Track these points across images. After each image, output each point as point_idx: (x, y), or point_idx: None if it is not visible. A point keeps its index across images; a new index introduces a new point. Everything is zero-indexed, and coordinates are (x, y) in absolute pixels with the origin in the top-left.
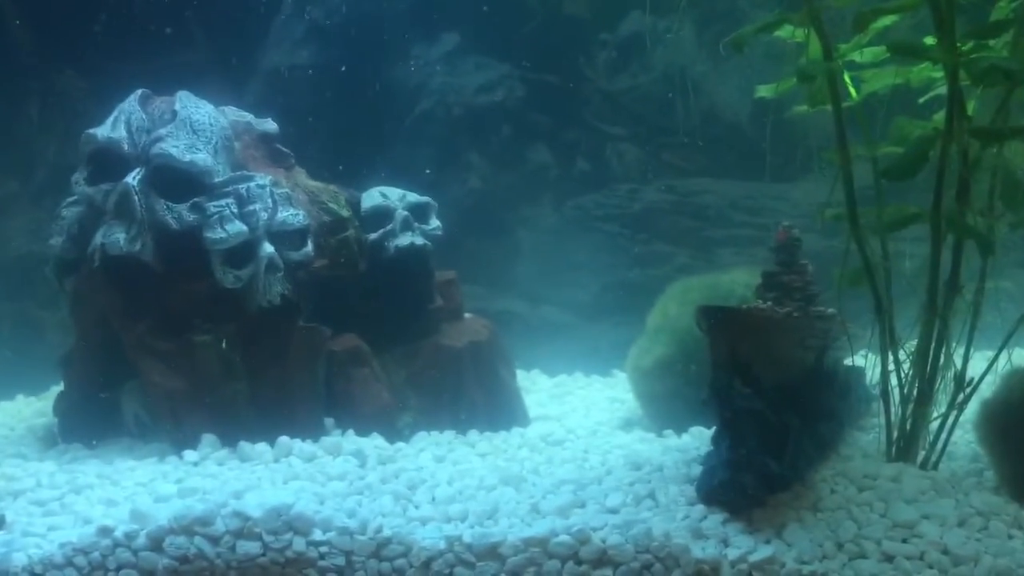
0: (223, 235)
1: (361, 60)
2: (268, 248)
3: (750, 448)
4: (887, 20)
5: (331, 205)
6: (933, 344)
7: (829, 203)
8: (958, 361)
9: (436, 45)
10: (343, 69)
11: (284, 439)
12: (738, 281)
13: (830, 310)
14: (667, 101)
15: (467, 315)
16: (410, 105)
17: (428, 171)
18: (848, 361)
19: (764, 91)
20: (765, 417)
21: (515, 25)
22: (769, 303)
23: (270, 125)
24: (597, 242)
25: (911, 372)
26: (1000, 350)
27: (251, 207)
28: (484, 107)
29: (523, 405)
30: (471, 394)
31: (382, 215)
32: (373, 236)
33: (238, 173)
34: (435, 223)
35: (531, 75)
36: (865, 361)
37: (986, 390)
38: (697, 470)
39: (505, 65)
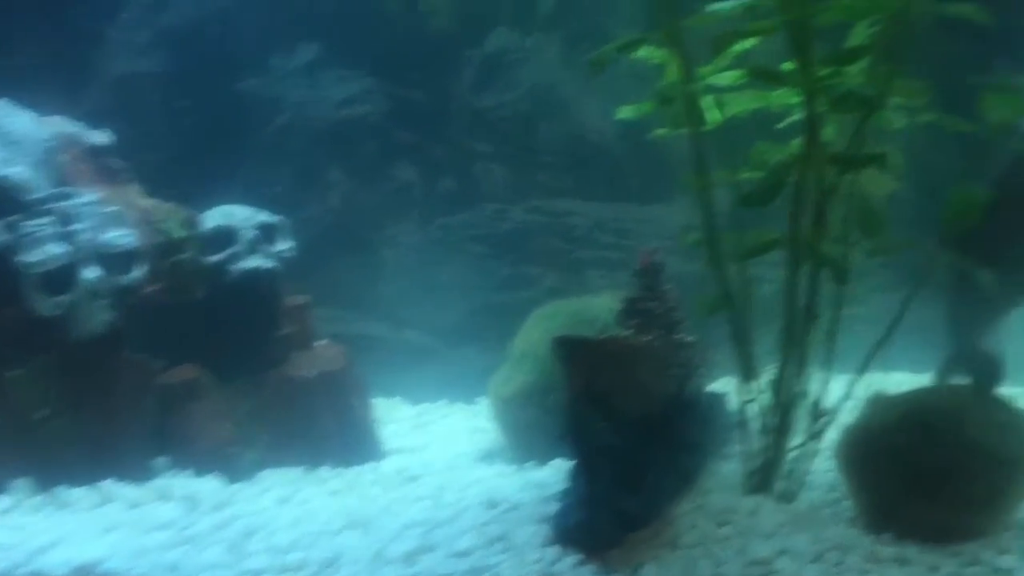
0: (39, 257)
1: (213, 69)
2: (92, 272)
3: (607, 486)
4: (748, 43)
5: (166, 225)
6: (790, 372)
7: (690, 227)
8: (817, 388)
9: (295, 56)
10: (193, 78)
11: (107, 483)
12: (603, 306)
13: (692, 337)
14: (534, 120)
15: (321, 342)
16: (267, 118)
17: (281, 187)
18: (712, 387)
19: (625, 112)
20: (623, 452)
21: (379, 38)
22: (630, 331)
23: (102, 137)
24: (464, 263)
25: (769, 402)
26: (856, 377)
27: (74, 227)
28: (346, 122)
29: (379, 438)
30: (323, 427)
31: (225, 236)
32: (214, 259)
33: (60, 189)
34: (286, 244)
35: (395, 90)
36: (731, 387)
37: (850, 417)
38: (554, 508)
39: (368, 79)
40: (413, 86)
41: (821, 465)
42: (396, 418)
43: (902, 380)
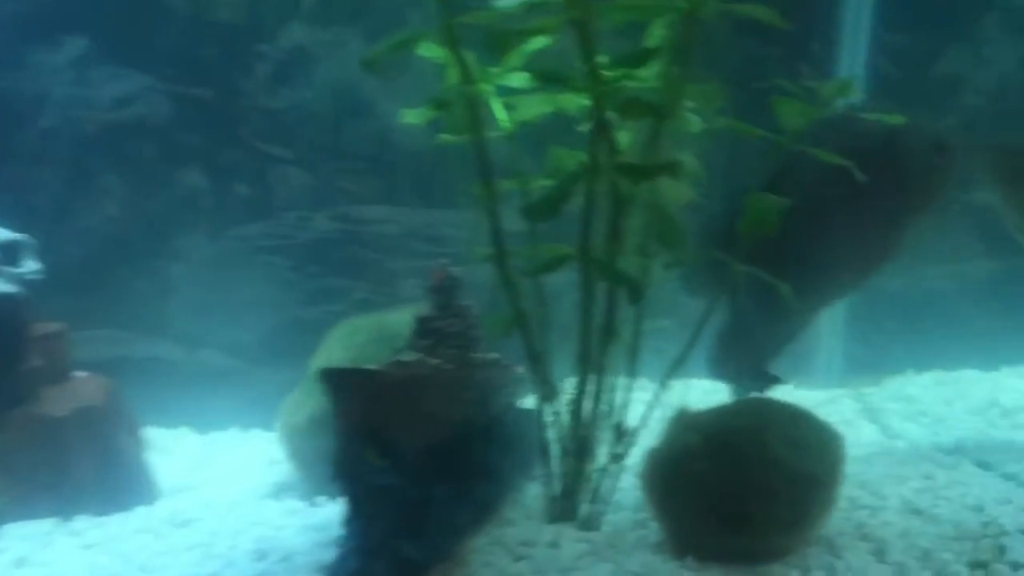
0: None
1: None
2: None
3: (383, 531)
4: (540, 42)
5: None
6: (589, 393)
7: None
8: (619, 406)
9: (59, 50)
10: None
11: None
12: (408, 321)
13: (493, 355)
14: (337, 120)
15: (79, 374)
16: (28, 120)
17: (47, 196)
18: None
19: (411, 117)
20: (402, 492)
21: (158, 31)
22: (418, 354)
23: None
24: (264, 276)
25: (569, 424)
26: (658, 392)
27: None
28: (122, 123)
29: (152, 477)
30: (80, 471)
31: None
32: None
33: None
34: (32, 266)
35: (179, 88)
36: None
37: (655, 434)
38: (332, 554)
39: (146, 76)
40: (199, 84)
41: (630, 482)
42: (179, 451)
43: (708, 388)
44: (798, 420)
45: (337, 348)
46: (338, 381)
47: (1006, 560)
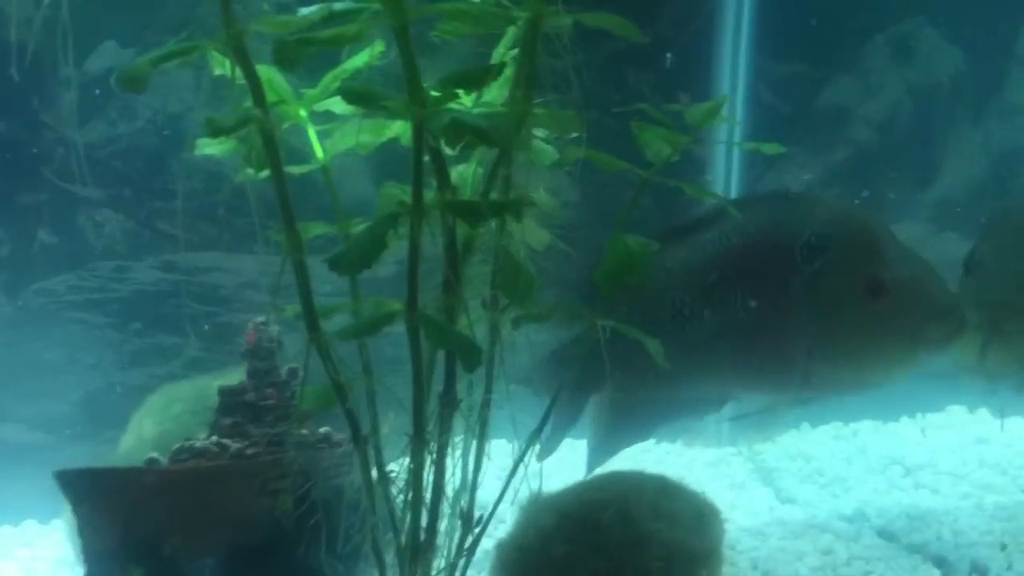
0: None
1: None
2: None
3: None
4: (362, 59)
5: None
6: (427, 476)
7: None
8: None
9: None
10: None
11: None
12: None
13: (323, 429)
14: (160, 156)
15: None
16: None
17: None
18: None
19: (208, 147)
20: None
21: None
22: (212, 439)
23: None
24: (74, 336)
25: (404, 513)
26: (510, 475)
27: None
28: None
29: None
30: None
31: None
32: None
33: None
34: None
35: None
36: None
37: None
38: None
39: None
40: None
41: None
42: None
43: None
44: (669, 491)
45: (149, 421)
46: (80, 485)
47: None
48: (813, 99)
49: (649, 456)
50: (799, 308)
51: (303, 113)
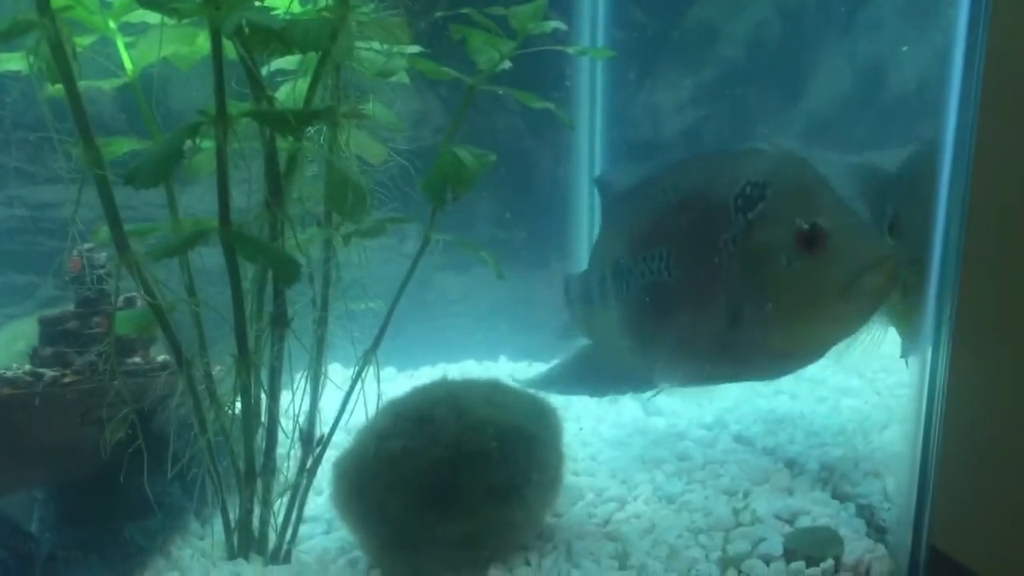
0: None
1: None
2: None
3: None
4: None
5: None
6: (260, 398)
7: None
8: (309, 408)
9: None
10: None
11: None
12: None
13: (161, 358)
14: None
15: None
16: None
17: None
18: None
19: (11, 62)
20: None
21: None
22: (24, 368)
23: None
24: None
25: (238, 438)
26: (347, 395)
27: None
28: None
29: None
30: None
31: None
32: None
33: None
34: None
35: None
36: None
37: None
38: None
39: None
40: None
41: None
42: None
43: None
44: (501, 387)
45: None
46: None
47: (759, 553)
48: (680, 18)
49: (519, 374)
50: (729, 266)
51: (112, 25)
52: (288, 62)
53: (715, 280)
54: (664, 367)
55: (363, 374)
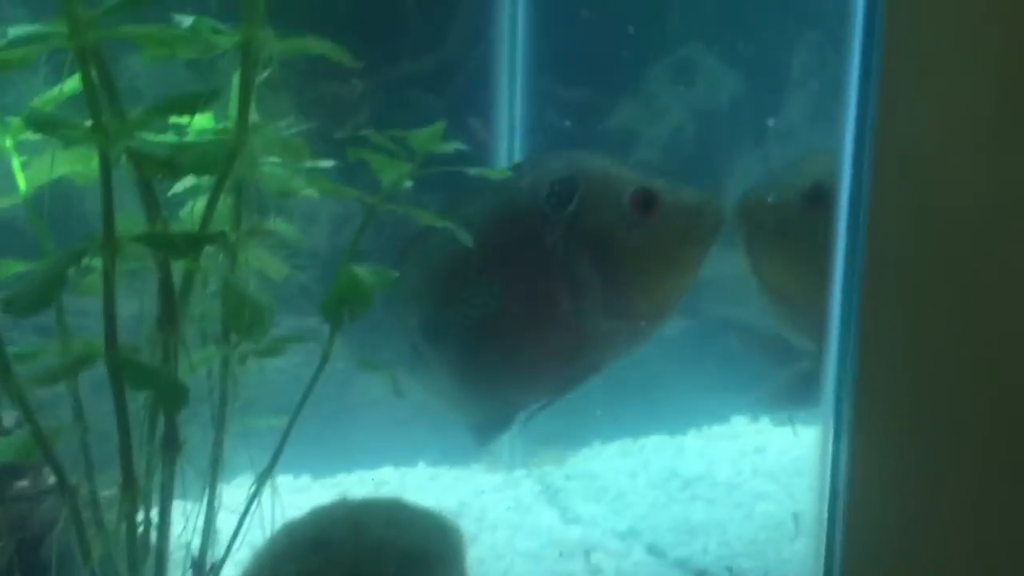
0: None
1: None
2: None
3: None
4: (72, 85)
5: None
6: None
7: None
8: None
9: None
10: None
11: None
12: None
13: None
14: None
15: None
16: None
17: None
18: None
19: None
20: None
21: None
22: None
23: None
24: None
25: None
26: (242, 518)
27: None
28: None
29: None
30: None
31: None
32: None
33: None
34: None
35: None
36: None
37: None
38: None
39: None
40: None
41: None
42: None
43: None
44: (401, 506)
45: None
46: None
47: None
48: (600, 122)
49: (440, 481)
50: (567, 263)
51: (8, 143)
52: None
53: (554, 285)
54: (535, 394)
55: (259, 495)
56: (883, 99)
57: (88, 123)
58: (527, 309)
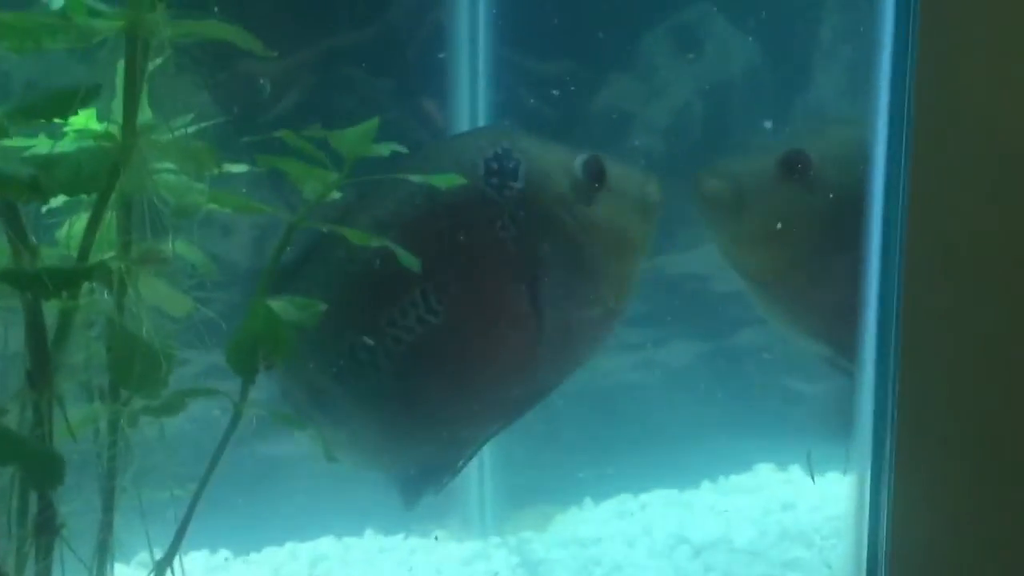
0: None
1: None
2: None
3: None
4: None
5: None
6: None
7: None
8: None
9: None
10: None
11: None
12: None
13: None
14: None
15: None
16: None
17: None
18: None
19: None
20: None
21: None
22: None
23: None
24: None
25: None
26: None
27: None
28: None
29: None
30: None
31: None
32: None
33: None
34: None
35: None
36: None
37: None
38: None
39: None
40: None
41: None
42: None
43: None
44: None
45: None
46: None
47: None
48: (587, 103)
49: (394, 554)
50: (524, 245)
51: None
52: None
53: (505, 280)
54: (490, 420)
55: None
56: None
57: None
58: (476, 315)
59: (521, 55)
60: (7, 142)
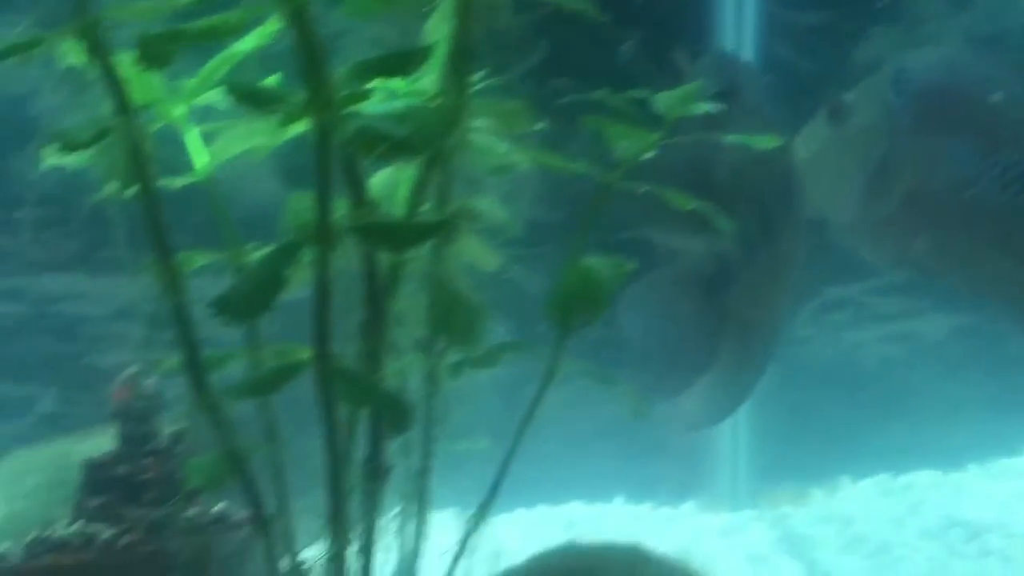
0: None
1: None
2: None
3: None
4: (250, 42)
5: None
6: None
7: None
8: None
9: None
10: None
11: None
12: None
13: (218, 507)
14: None
15: None
16: None
17: None
18: None
19: (57, 159)
20: None
21: None
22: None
23: None
24: None
25: None
26: (457, 556)
27: None
28: None
29: None
30: None
31: None
32: None
33: None
34: None
35: None
36: None
37: None
38: None
39: None
40: None
41: None
42: None
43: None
44: (642, 554)
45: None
46: None
47: None
48: (845, 56)
49: (647, 521)
50: None
51: (181, 112)
52: None
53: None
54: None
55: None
56: None
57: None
58: None
59: (781, 5)
60: (365, 105)
